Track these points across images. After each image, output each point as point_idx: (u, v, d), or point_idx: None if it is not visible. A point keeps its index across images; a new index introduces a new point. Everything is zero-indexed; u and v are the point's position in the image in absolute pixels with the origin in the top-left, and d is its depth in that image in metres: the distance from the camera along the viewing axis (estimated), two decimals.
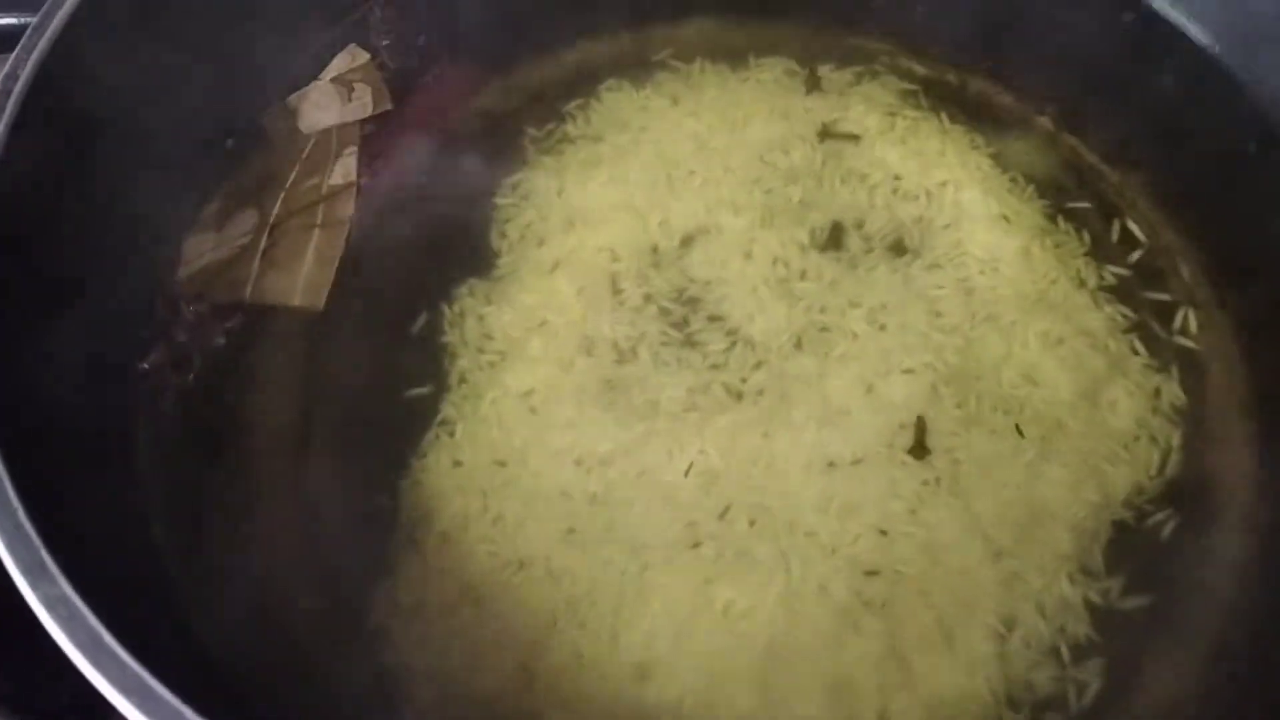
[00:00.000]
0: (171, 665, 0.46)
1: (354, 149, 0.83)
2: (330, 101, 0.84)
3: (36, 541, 0.47)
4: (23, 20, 0.68)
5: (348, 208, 0.81)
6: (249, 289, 0.77)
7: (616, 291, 0.78)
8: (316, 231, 0.80)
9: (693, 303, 0.78)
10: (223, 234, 0.79)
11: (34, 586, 0.47)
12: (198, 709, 0.44)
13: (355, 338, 0.78)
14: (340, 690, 0.65)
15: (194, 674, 0.48)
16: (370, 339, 0.78)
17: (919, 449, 0.71)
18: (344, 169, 0.82)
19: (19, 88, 0.61)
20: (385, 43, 0.87)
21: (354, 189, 0.82)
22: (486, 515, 0.70)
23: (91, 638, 0.45)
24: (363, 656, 0.66)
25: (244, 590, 0.66)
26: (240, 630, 0.64)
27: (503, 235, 0.82)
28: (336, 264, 0.79)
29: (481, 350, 0.77)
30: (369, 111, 0.85)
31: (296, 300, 0.77)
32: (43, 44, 0.64)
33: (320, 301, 0.78)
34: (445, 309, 0.78)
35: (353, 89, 0.85)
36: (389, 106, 0.85)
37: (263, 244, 0.78)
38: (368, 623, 0.67)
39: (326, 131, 0.83)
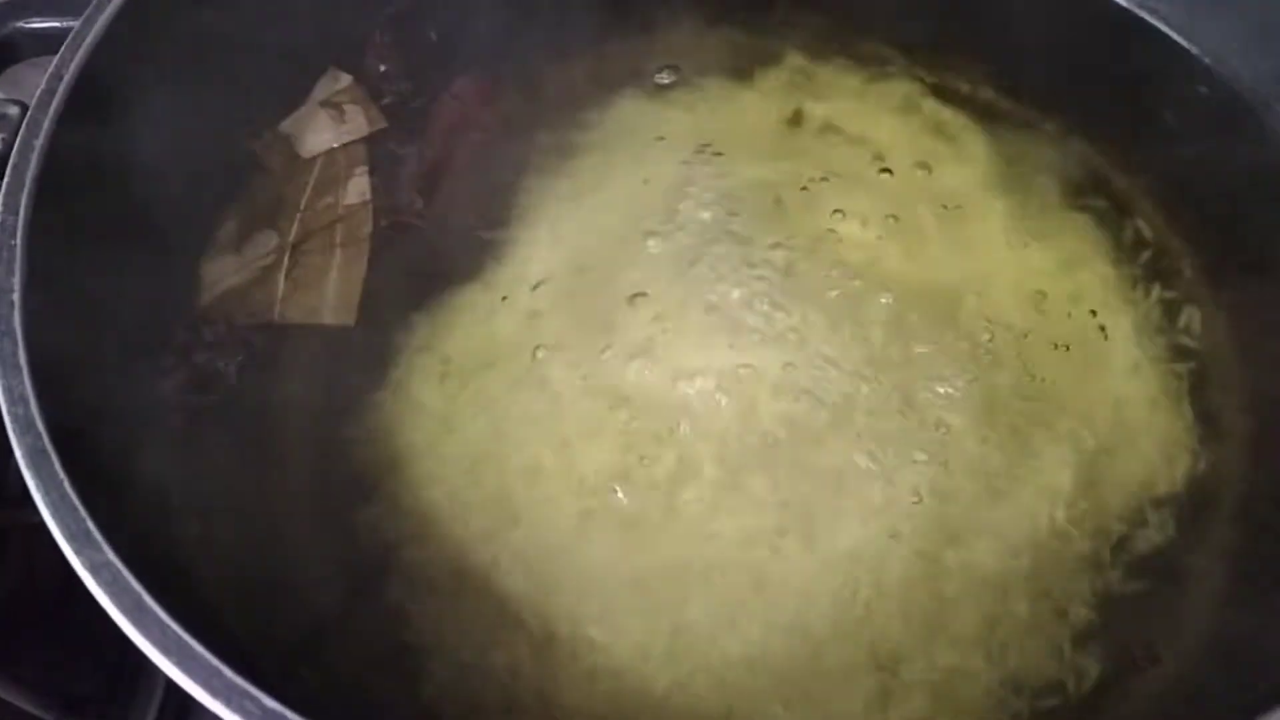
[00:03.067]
0: (204, 636, 0.49)
1: (364, 168, 0.84)
2: (324, 125, 0.85)
3: (82, 511, 0.50)
4: (65, 24, 0.71)
5: (366, 225, 0.82)
6: (277, 310, 0.78)
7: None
8: (338, 250, 0.81)
9: None
10: (243, 256, 0.79)
11: (79, 552, 0.49)
12: (235, 670, 0.46)
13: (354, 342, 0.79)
14: (360, 669, 0.67)
15: (224, 649, 0.50)
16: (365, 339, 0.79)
17: None
18: (358, 188, 0.83)
19: (63, 86, 0.64)
20: (384, 68, 0.88)
21: (369, 207, 0.83)
22: (493, 505, 0.73)
23: (134, 601, 0.48)
24: (379, 635, 0.69)
25: (262, 575, 0.68)
26: (260, 616, 0.65)
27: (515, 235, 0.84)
28: (362, 280, 0.80)
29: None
30: (365, 131, 0.85)
31: (327, 318, 0.78)
32: (84, 47, 0.67)
33: (351, 317, 0.79)
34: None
35: (343, 110, 0.86)
36: (384, 124, 0.86)
37: (285, 264, 0.79)
38: (383, 603, 0.69)
39: (332, 153, 0.84)
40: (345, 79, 0.87)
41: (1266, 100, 0.84)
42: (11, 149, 0.64)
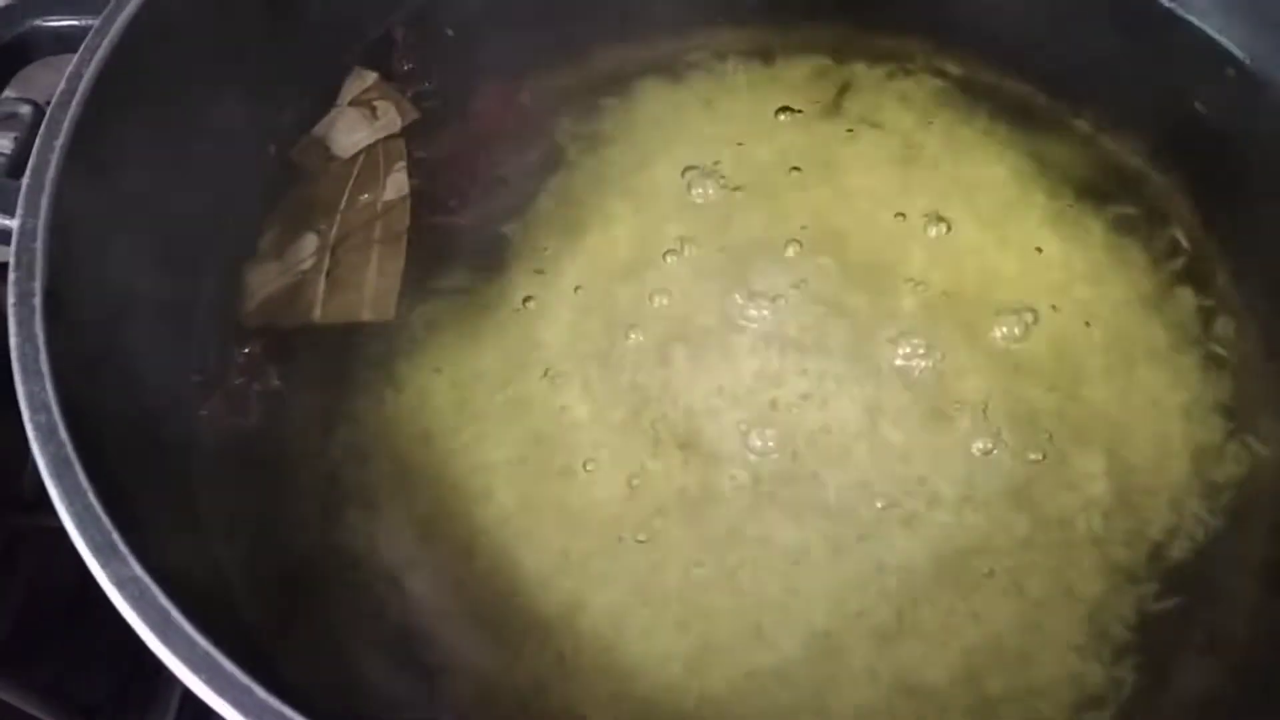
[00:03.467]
0: (232, 650, 0.48)
1: (403, 164, 0.83)
2: (358, 124, 0.84)
3: (107, 523, 0.49)
4: (85, 22, 0.70)
5: (404, 220, 0.81)
6: (317, 311, 0.77)
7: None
8: (376, 246, 0.80)
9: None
10: (284, 261, 0.79)
11: (105, 566, 0.48)
12: (266, 688, 0.45)
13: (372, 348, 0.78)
14: (385, 682, 0.67)
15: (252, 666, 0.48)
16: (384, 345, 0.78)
17: None
18: (396, 184, 0.82)
19: (83, 85, 0.63)
20: (408, 67, 0.86)
21: (408, 202, 0.82)
22: (512, 521, 0.71)
23: (162, 616, 0.46)
24: (404, 649, 0.67)
25: (286, 592, 0.68)
26: (287, 633, 0.65)
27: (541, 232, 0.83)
28: (400, 274, 0.79)
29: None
30: (399, 125, 0.84)
31: (366, 315, 0.77)
32: (105, 45, 0.66)
33: (390, 312, 0.77)
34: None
35: (375, 108, 0.85)
36: (417, 115, 0.85)
37: (325, 266, 0.78)
38: (403, 622, 0.68)
39: (372, 150, 0.84)
40: (371, 76, 0.86)
41: None
42: (29, 149, 0.63)
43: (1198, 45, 0.87)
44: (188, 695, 0.86)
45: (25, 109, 0.72)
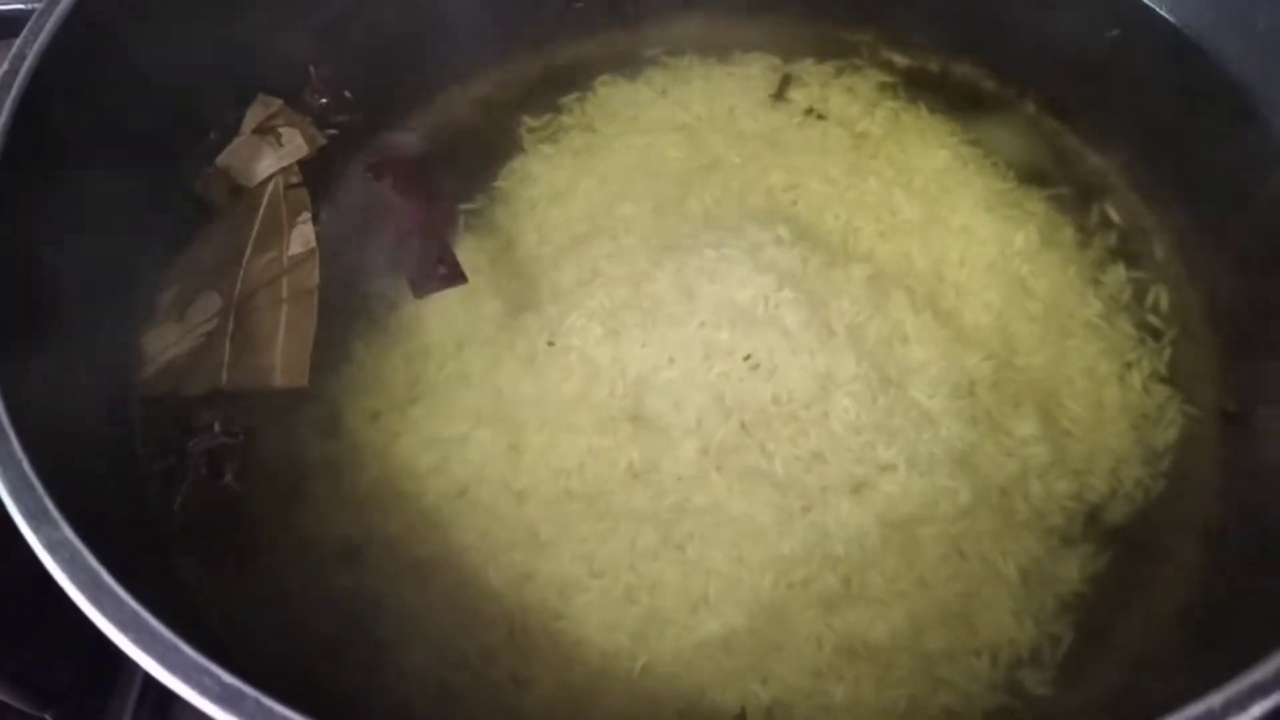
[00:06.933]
0: (165, 609, 0.48)
1: (308, 215, 0.80)
2: (261, 152, 0.82)
3: (40, 489, 0.49)
4: (30, 6, 0.70)
5: (313, 276, 0.77)
6: (224, 376, 0.73)
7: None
8: (285, 306, 0.76)
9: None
10: (185, 323, 0.75)
11: (36, 530, 0.48)
12: (192, 645, 0.45)
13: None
14: (329, 651, 0.67)
15: (186, 621, 0.49)
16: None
17: None
18: (302, 237, 0.79)
19: (25, 67, 0.64)
20: (323, 100, 0.85)
21: (316, 256, 0.78)
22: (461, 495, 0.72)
23: (91, 578, 0.47)
24: (349, 618, 0.68)
25: (235, 559, 0.68)
26: (231, 596, 0.66)
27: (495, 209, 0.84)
28: (312, 336, 0.75)
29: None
30: (305, 151, 0.83)
31: (278, 381, 0.73)
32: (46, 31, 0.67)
33: (303, 378, 0.73)
34: None
35: (279, 134, 0.82)
36: (324, 142, 0.84)
37: (229, 327, 0.75)
38: (356, 592, 0.69)
39: (274, 200, 0.80)
40: (275, 103, 0.84)
41: (1252, 77, 0.83)
42: None
43: (1144, 21, 0.87)
44: (149, 682, 0.86)
45: None
